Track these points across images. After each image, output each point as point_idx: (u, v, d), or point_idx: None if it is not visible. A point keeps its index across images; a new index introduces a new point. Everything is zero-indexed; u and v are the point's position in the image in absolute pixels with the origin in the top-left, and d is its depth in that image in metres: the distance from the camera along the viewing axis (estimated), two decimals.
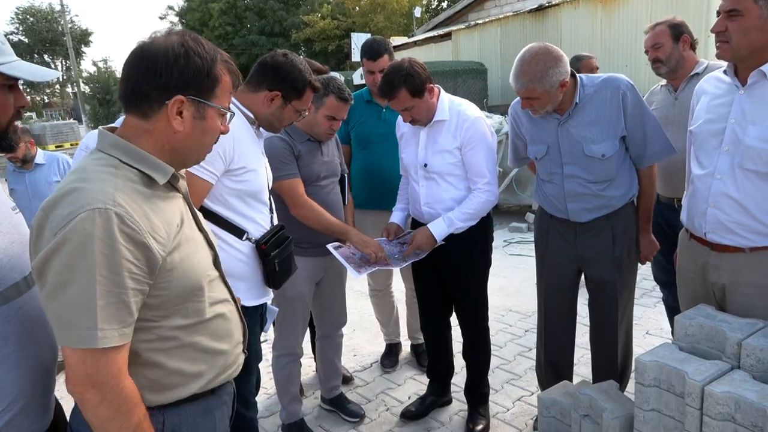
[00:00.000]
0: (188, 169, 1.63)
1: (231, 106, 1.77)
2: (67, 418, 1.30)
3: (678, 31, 2.73)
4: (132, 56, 1.19)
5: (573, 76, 2.24)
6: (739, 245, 1.86)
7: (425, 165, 2.54)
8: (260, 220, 2.02)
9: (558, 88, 2.16)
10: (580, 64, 4.44)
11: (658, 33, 2.76)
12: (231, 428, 1.92)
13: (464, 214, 2.48)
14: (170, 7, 36.39)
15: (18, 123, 1.31)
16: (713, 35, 2.79)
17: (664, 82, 2.89)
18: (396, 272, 3.52)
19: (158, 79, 1.16)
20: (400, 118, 2.71)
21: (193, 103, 1.20)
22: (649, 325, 3.84)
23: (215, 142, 1.31)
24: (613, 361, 2.51)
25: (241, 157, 1.89)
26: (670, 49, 2.72)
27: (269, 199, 2.10)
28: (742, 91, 1.84)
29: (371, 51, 3.09)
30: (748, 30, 1.74)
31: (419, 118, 2.47)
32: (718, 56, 1.87)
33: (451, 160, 2.49)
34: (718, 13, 1.82)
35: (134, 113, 1.20)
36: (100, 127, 1.27)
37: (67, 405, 1.29)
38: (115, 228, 1.06)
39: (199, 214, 1.37)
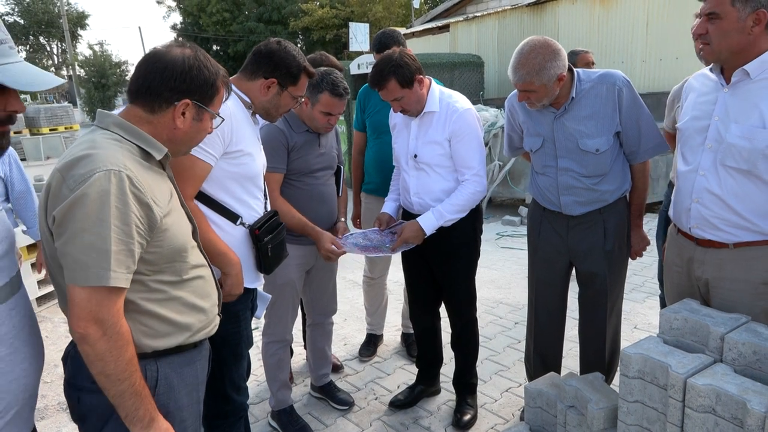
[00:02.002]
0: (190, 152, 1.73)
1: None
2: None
3: None
4: (150, 58, 1.41)
5: (570, 70, 2.25)
6: (723, 240, 1.89)
7: (415, 156, 2.55)
8: (254, 205, 2.02)
9: (555, 82, 2.17)
10: (576, 58, 4.45)
11: None
12: (222, 414, 1.97)
13: (454, 206, 2.49)
14: None
15: (9, 127, 1.27)
16: None
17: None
18: (394, 263, 3.54)
19: (173, 83, 1.38)
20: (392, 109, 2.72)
21: (195, 107, 1.44)
22: (638, 319, 3.88)
23: (202, 140, 1.55)
24: (600, 355, 2.54)
25: (239, 140, 1.90)
26: None
27: (264, 184, 2.11)
28: (726, 89, 1.86)
29: (379, 44, 3.13)
30: (728, 32, 1.75)
31: (409, 109, 2.48)
32: (702, 57, 1.89)
33: (441, 151, 2.50)
34: (698, 15, 1.83)
35: (141, 105, 1.40)
36: (99, 110, 1.44)
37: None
38: (127, 187, 1.25)
39: (180, 194, 1.54)
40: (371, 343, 3.61)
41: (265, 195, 2.11)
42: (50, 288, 4.65)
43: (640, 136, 2.29)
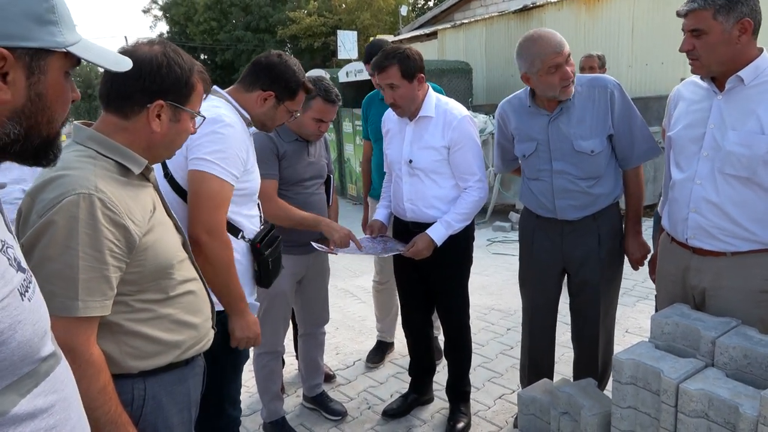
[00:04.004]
0: (217, 175, 1.73)
1: (230, 105, 1.95)
2: None
3: None
4: None
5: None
6: (721, 250, 1.88)
7: (410, 161, 2.55)
8: (253, 218, 2.03)
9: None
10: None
11: None
12: (215, 429, 1.94)
13: (460, 215, 2.50)
14: (154, 1, 35.85)
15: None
16: None
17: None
18: None
19: (142, 84, 1.29)
20: (386, 113, 2.72)
21: (170, 108, 1.35)
22: (629, 323, 3.89)
23: (185, 142, 1.46)
24: (593, 361, 2.53)
25: (248, 158, 1.92)
26: None
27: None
28: (720, 96, 1.85)
29: (369, 55, 3.16)
30: (716, 46, 1.77)
31: (401, 104, 2.47)
32: (693, 72, 1.90)
33: (436, 157, 2.50)
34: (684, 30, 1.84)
35: (114, 112, 1.32)
36: (75, 122, 1.36)
37: None
38: (98, 211, 1.18)
39: (166, 203, 1.48)
40: (380, 350, 3.57)
41: (258, 207, 2.11)
42: None
43: (633, 140, 2.30)
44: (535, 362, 2.66)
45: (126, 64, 1.10)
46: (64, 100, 0.94)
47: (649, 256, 2.49)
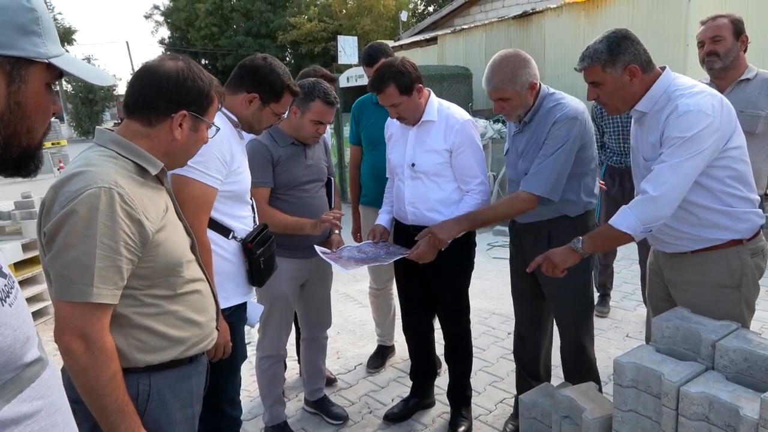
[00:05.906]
0: (198, 179, 1.78)
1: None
2: None
3: (739, 29, 2.68)
4: (144, 72, 1.43)
5: (538, 92, 2.29)
6: (680, 251, 2.02)
7: (413, 164, 2.56)
8: (245, 219, 2.05)
9: (528, 90, 2.24)
10: None
11: (720, 26, 2.68)
12: (215, 429, 1.97)
13: None
14: (156, 7, 36.05)
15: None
16: (693, 42, 2.87)
17: (707, 79, 2.77)
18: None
19: (169, 95, 1.41)
20: (388, 120, 2.74)
21: (192, 118, 1.46)
22: (629, 328, 3.89)
23: (198, 150, 1.56)
24: (568, 364, 2.55)
25: (233, 160, 1.93)
26: (730, 45, 2.65)
27: (251, 198, 2.13)
28: (637, 123, 2.06)
29: (368, 57, 3.19)
30: (613, 93, 1.98)
31: (406, 116, 2.50)
32: (608, 113, 2.16)
33: (439, 160, 2.52)
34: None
35: (138, 120, 1.42)
36: (98, 127, 1.46)
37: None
38: (117, 205, 1.26)
39: (179, 208, 1.56)
40: (380, 355, 3.58)
41: (252, 209, 2.13)
42: (40, 305, 4.60)
43: (531, 167, 2.25)
44: (522, 364, 2.69)
45: (109, 80, 1.12)
46: (45, 111, 0.94)
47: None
